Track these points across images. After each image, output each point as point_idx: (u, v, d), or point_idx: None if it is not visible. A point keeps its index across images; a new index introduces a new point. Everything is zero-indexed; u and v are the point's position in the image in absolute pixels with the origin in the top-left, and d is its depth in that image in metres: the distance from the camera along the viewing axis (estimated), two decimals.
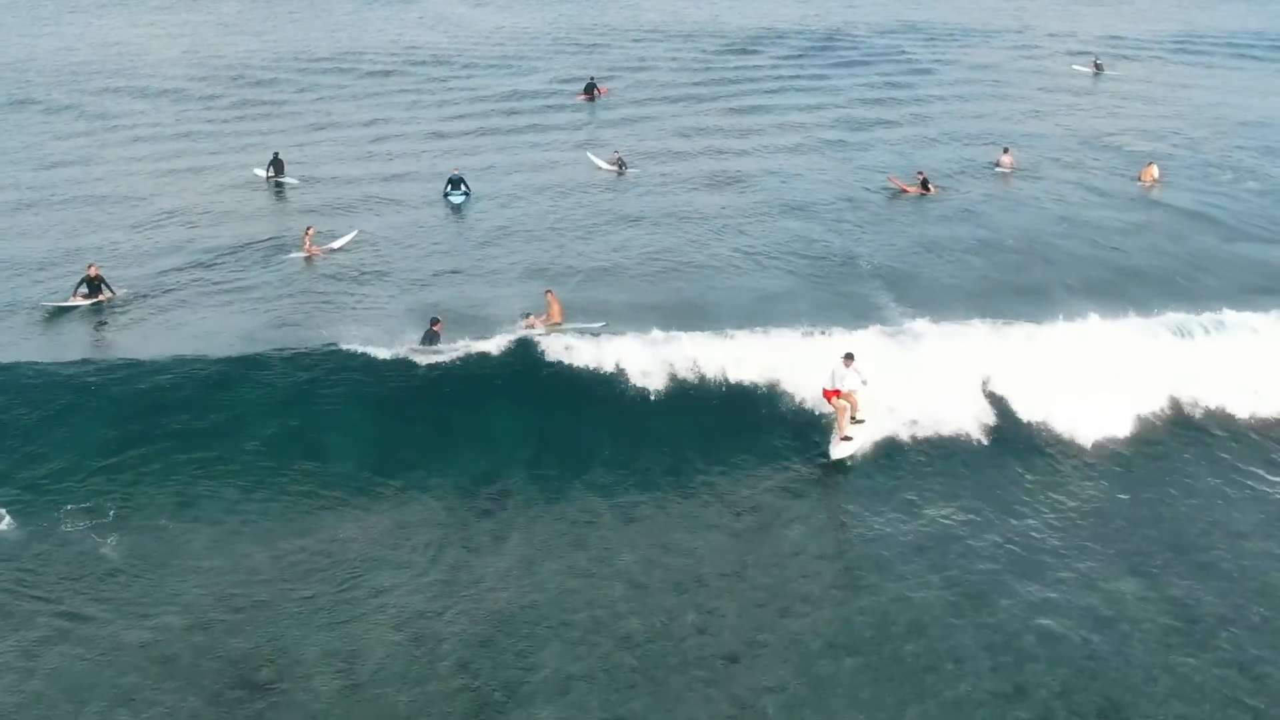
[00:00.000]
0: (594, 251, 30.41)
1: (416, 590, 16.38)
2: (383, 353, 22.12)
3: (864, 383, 19.56)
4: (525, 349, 22.12)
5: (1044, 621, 15.62)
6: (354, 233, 31.56)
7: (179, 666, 14.77)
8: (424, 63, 60.05)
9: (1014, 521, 18.22)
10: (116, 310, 27.13)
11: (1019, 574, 16.68)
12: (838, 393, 19.50)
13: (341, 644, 15.16)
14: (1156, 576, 16.77)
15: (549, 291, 25.19)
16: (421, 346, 22.83)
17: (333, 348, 22.65)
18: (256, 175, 38.54)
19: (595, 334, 23.32)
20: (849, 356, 19.49)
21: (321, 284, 28.31)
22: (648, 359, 21.79)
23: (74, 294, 27.61)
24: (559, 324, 24.51)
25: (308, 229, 30.81)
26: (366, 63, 59.84)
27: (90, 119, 47.74)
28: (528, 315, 24.71)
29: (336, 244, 30.88)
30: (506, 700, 14.11)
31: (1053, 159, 40.01)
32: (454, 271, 29.09)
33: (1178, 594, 16.35)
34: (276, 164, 38.16)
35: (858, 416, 19.80)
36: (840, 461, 19.50)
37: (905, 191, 35.68)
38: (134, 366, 22.18)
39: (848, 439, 19.60)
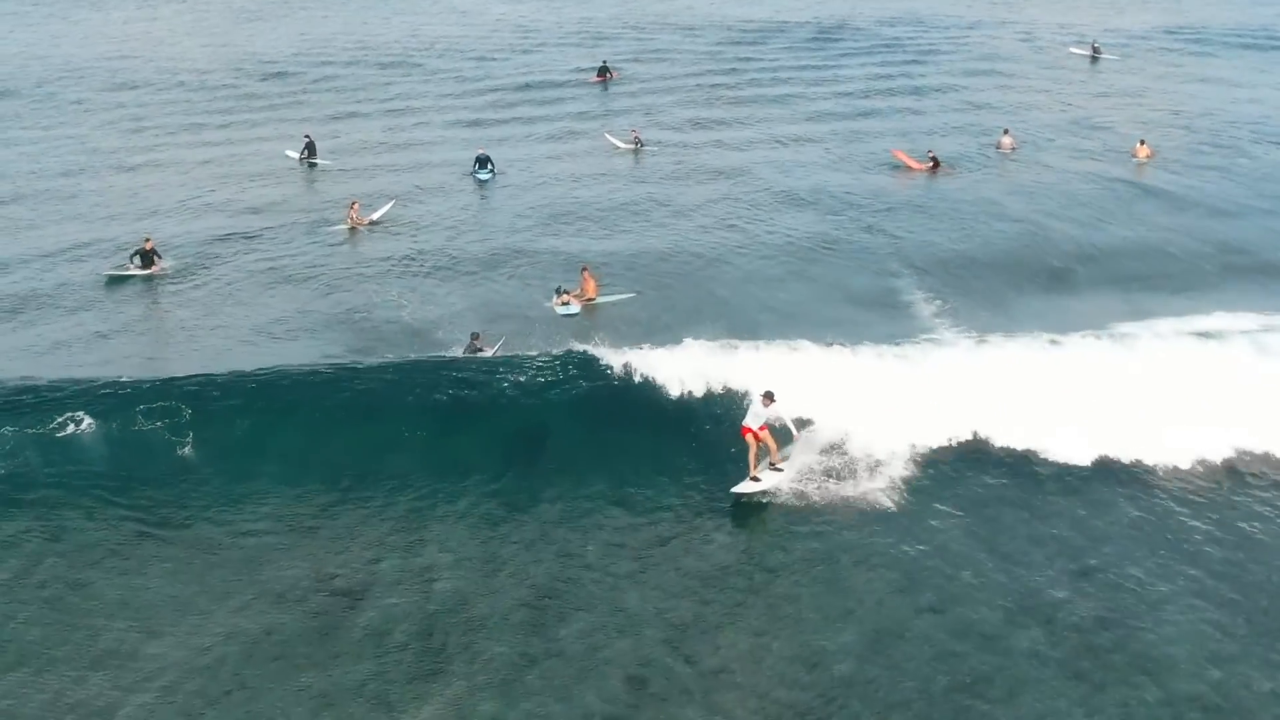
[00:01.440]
0: (615, 225, 32.09)
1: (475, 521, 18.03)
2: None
3: (791, 427, 18.89)
4: (583, 367, 21.47)
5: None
6: (391, 203, 33.30)
7: (264, 568, 16.52)
8: (441, 53, 61.38)
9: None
10: (170, 280, 28.77)
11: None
12: (752, 431, 18.76)
13: (422, 558, 16.86)
14: None
15: (585, 269, 26.72)
16: (465, 356, 23.01)
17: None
18: (288, 156, 40.18)
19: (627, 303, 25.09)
20: (768, 395, 18.63)
21: (368, 256, 30.07)
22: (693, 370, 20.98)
23: (128, 264, 29.30)
24: (593, 299, 26.12)
25: (353, 203, 32.59)
26: (385, 54, 61.17)
27: (116, 109, 49.06)
28: (564, 292, 26.05)
29: (376, 215, 32.60)
30: None
31: (1049, 139, 41.71)
32: (485, 244, 30.74)
33: None
34: (310, 147, 39.82)
35: (776, 463, 18.97)
36: (747, 496, 18.50)
37: (911, 168, 37.37)
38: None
39: (756, 479, 18.69)
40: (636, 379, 20.90)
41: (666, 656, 14.69)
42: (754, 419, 18.74)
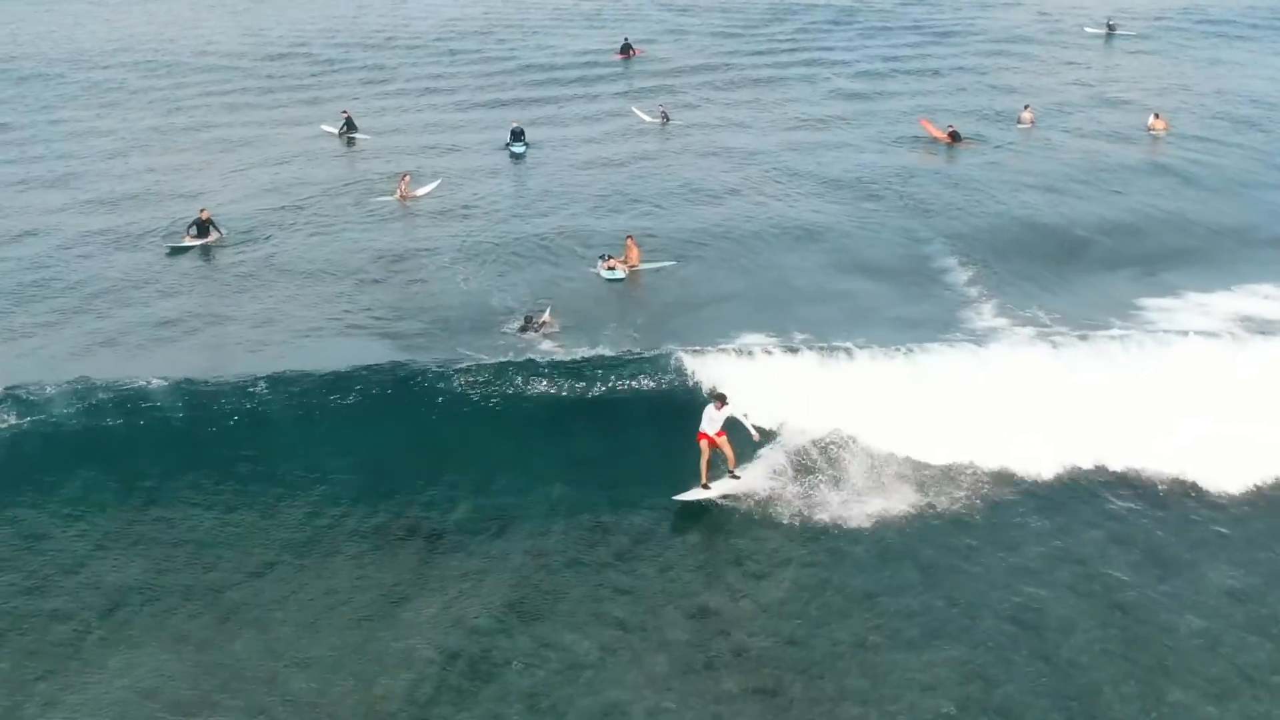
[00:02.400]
0: (648, 199, 33.27)
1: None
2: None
3: (751, 430, 18.21)
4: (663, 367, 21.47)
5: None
6: (438, 181, 34.46)
7: None
8: (467, 34, 62.63)
9: None
10: (227, 248, 29.99)
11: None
12: (708, 437, 18.24)
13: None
14: None
15: (629, 237, 27.86)
16: (519, 334, 23.65)
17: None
18: (326, 131, 41.40)
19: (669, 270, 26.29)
20: (720, 398, 18.14)
21: (417, 227, 31.31)
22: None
23: (185, 234, 30.53)
24: (637, 266, 27.35)
25: (404, 175, 33.83)
26: (412, 35, 62.42)
27: (153, 90, 50.30)
28: (608, 258, 27.23)
29: (423, 190, 33.78)
30: None
31: (1067, 114, 42.84)
32: (525, 214, 31.91)
33: None
34: (349, 122, 41.07)
35: (734, 471, 18.50)
36: (691, 503, 18.32)
37: (936, 138, 38.64)
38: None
39: (706, 488, 18.32)
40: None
41: None
42: (709, 424, 18.13)
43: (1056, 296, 25.65)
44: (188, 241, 30.27)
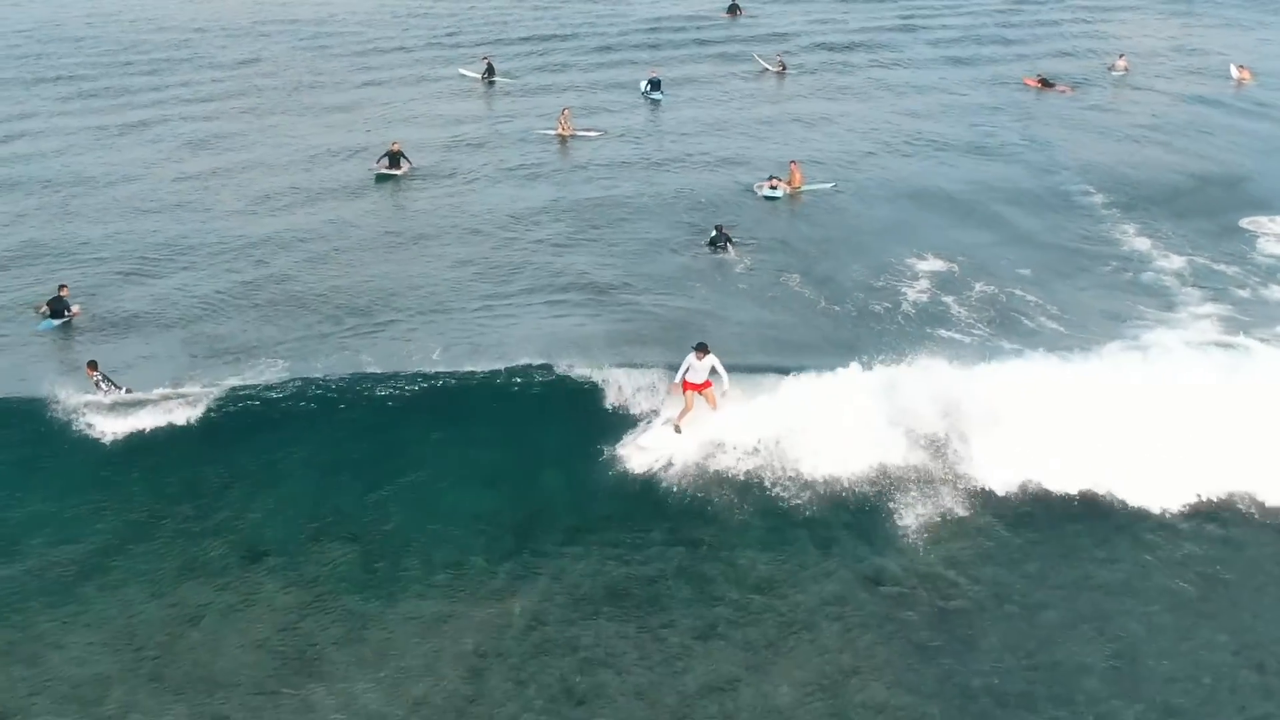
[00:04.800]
0: (780, 132, 36.73)
1: None
2: None
3: (725, 378, 18.51)
4: None
5: None
6: (599, 132, 37.36)
7: None
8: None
9: None
10: (416, 178, 33.46)
11: None
12: (692, 386, 18.55)
13: None
14: None
15: (793, 162, 31.45)
16: (710, 249, 26.92)
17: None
18: (464, 75, 44.83)
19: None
20: (701, 348, 18.30)
21: (584, 158, 34.76)
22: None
23: (376, 163, 33.98)
24: (798, 189, 30.81)
25: (564, 110, 37.24)
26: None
27: (318, 47, 53.05)
28: (771, 178, 30.91)
29: (584, 131, 37.08)
30: None
31: (1158, 63, 46.07)
32: (680, 150, 35.27)
33: None
34: (489, 68, 44.55)
35: (679, 424, 18.72)
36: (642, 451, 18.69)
37: (1029, 85, 42.42)
38: None
39: (678, 430, 18.60)
40: None
41: None
42: (693, 374, 18.34)
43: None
44: (379, 169, 33.75)
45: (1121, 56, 44.83)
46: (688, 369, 18.33)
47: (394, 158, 34.14)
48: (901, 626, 15.88)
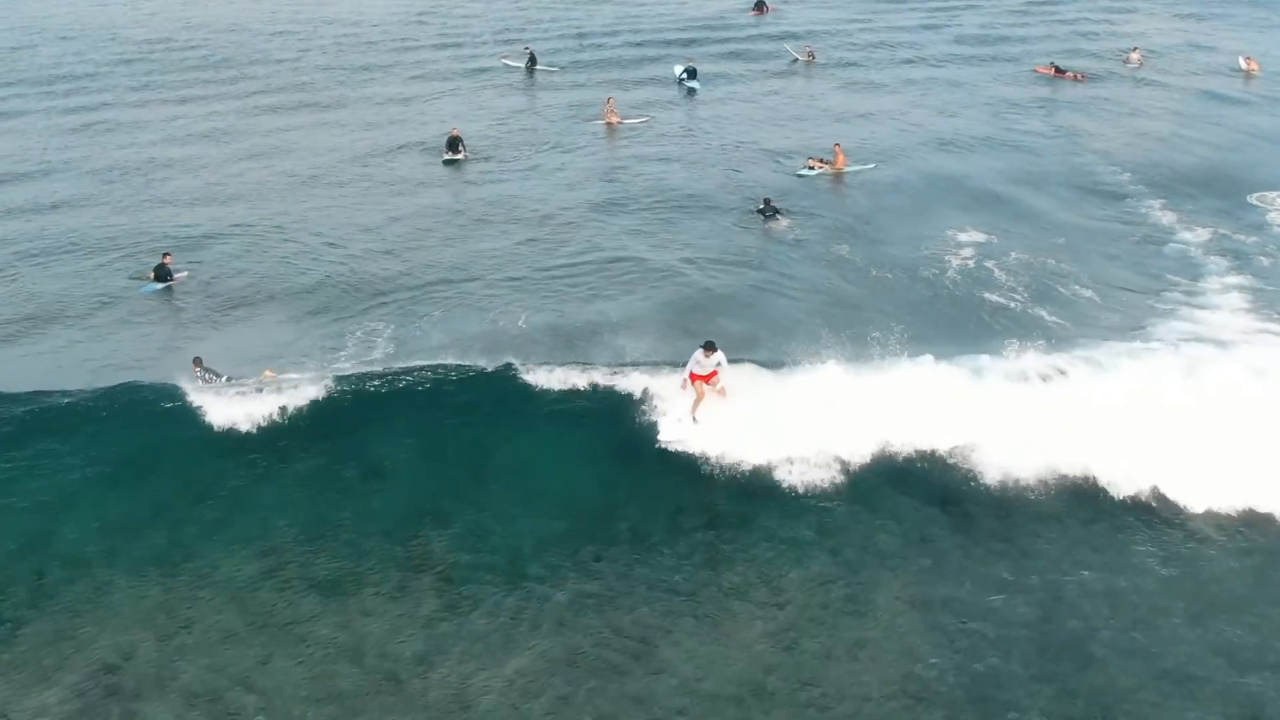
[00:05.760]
0: (816, 116, 38.89)
1: None
2: None
3: (725, 377, 19.45)
4: None
5: None
6: (647, 118, 39.57)
7: None
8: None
9: None
10: (475, 161, 35.47)
11: None
12: (700, 378, 19.45)
13: None
14: None
15: (837, 144, 33.55)
16: (762, 217, 29.31)
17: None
18: (507, 64, 46.94)
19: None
20: (709, 346, 19.27)
21: (633, 145, 36.88)
22: None
23: (446, 150, 35.95)
24: (842, 170, 32.89)
25: (609, 99, 39.28)
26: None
27: (366, 46, 55.33)
28: (811, 159, 33.09)
29: (631, 120, 39.14)
30: None
31: (1170, 56, 48.29)
32: (722, 139, 37.20)
33: None
34: (532, 57, 46.76)
35: (694, 415, 19.50)
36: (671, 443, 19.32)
37: (1041, 73, 44.90)
38: None
39: (695, 420, 19.44)
40: None
41: None
42: (698, 367, 19.33)
43: None
44: (448, 155, 35.72)
45: (1136, 49, 46.99)
46: (695, 363, 19.37)
47: (453, 142, 36.20)
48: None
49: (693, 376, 19.41)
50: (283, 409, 19.76)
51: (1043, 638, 15.74)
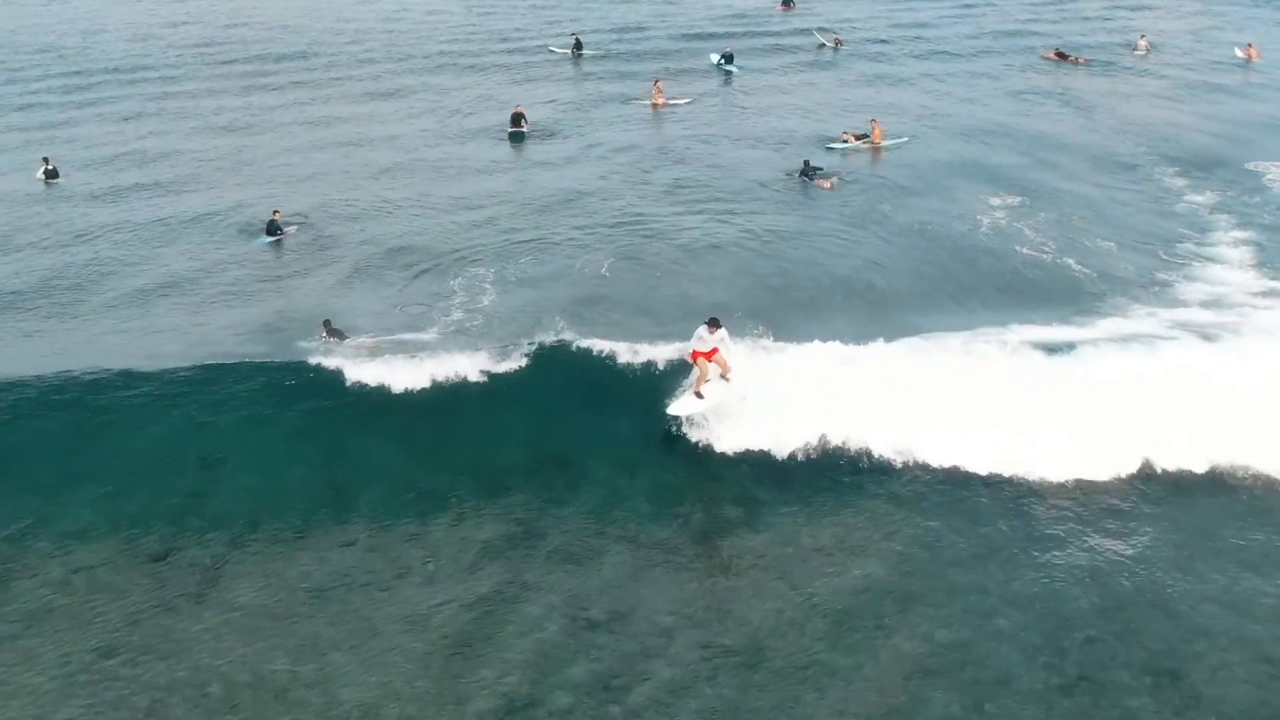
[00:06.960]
0: (844, 113, 41.81)
1: None
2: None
3: (728, 359, 19.85)
4: None
5: None
6: (690, 99, 42.57)
7: None
8: None
9: None
10: (539, 139, 38.47)
11: None
12: (703, 354, 19.70)
13: None
14: None
15: (873, 120, 36.58)
16: (806, 180, 32.70)
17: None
18: (552, 50, 49.96)
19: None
20: (713, 322, 19.51)
21: (683, 124, 39.86)
22: None
23: (510, 125, 38.87)
24: (879, 144, 35.89)
25: (656, 81, 42.30)
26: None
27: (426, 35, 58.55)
28: (845, 133, 36.16)
29: (676, 101, 42.09)
30: None
31: (1176, 46, 51.58)
32: (760, 122, 39.92)
33: None
34: (578, 44, 49.83)
35: (699, 390, 19.91)
36: (677, 418, 20.09)
37: (1047, 58, 48.07)
38: None
39: (699, 395, 19.82)
40: None
41: None
42: (700, 344, 19.55)
43: None
44: (511, 129, 38.67)
45: (1143, 37, 50.18)
46: (698, 339, 19.64)
47: (516, 118, 39.19)
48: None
49: (694, 354, 19.67)
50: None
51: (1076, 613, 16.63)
